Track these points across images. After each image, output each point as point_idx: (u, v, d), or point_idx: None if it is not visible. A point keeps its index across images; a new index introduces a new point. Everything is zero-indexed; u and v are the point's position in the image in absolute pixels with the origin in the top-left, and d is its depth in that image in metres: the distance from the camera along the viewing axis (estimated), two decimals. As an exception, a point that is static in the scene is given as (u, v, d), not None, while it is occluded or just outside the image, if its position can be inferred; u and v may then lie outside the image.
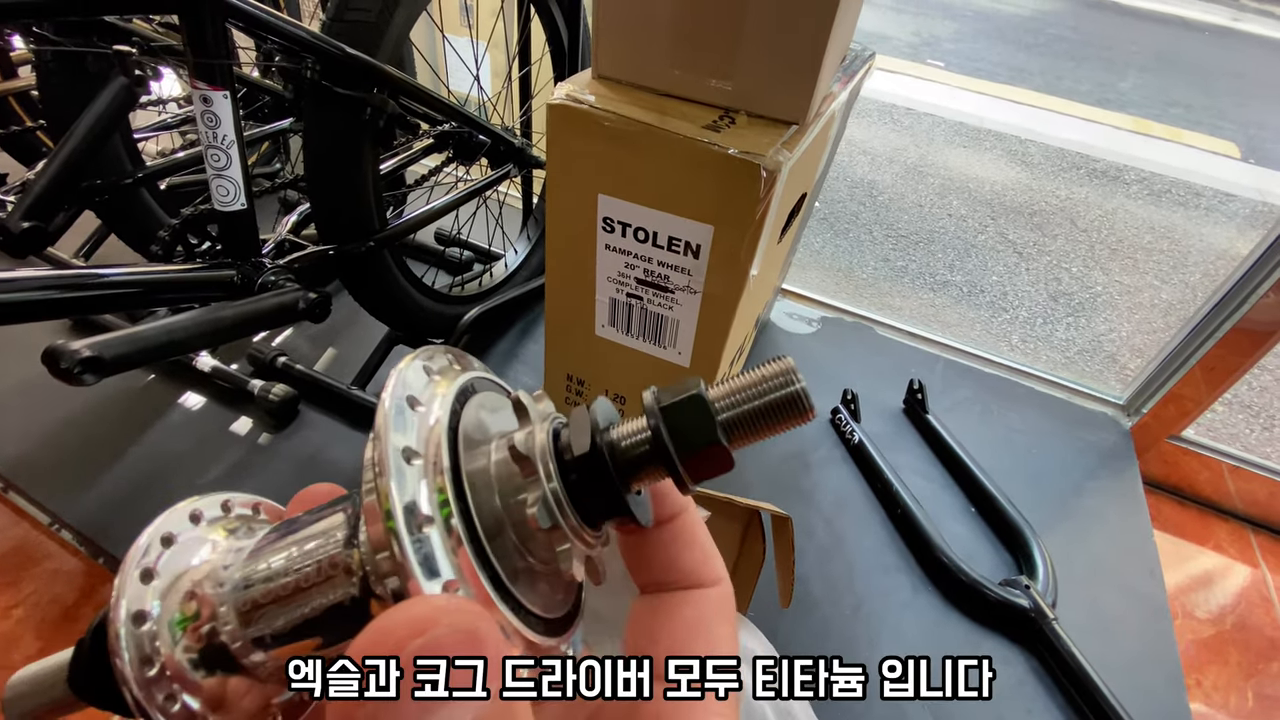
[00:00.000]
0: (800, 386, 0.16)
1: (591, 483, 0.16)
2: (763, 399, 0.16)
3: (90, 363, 0.45)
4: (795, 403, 0.16)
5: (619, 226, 0.59)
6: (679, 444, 0.16)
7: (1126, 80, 3.43)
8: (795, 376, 0.16)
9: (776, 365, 0.17)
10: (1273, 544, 1.03)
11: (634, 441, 0.16)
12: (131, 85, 0.65)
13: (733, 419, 0.16)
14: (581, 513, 0.16)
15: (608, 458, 0.16)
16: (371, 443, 0.15)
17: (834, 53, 0.55)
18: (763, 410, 0.16)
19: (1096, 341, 1.51)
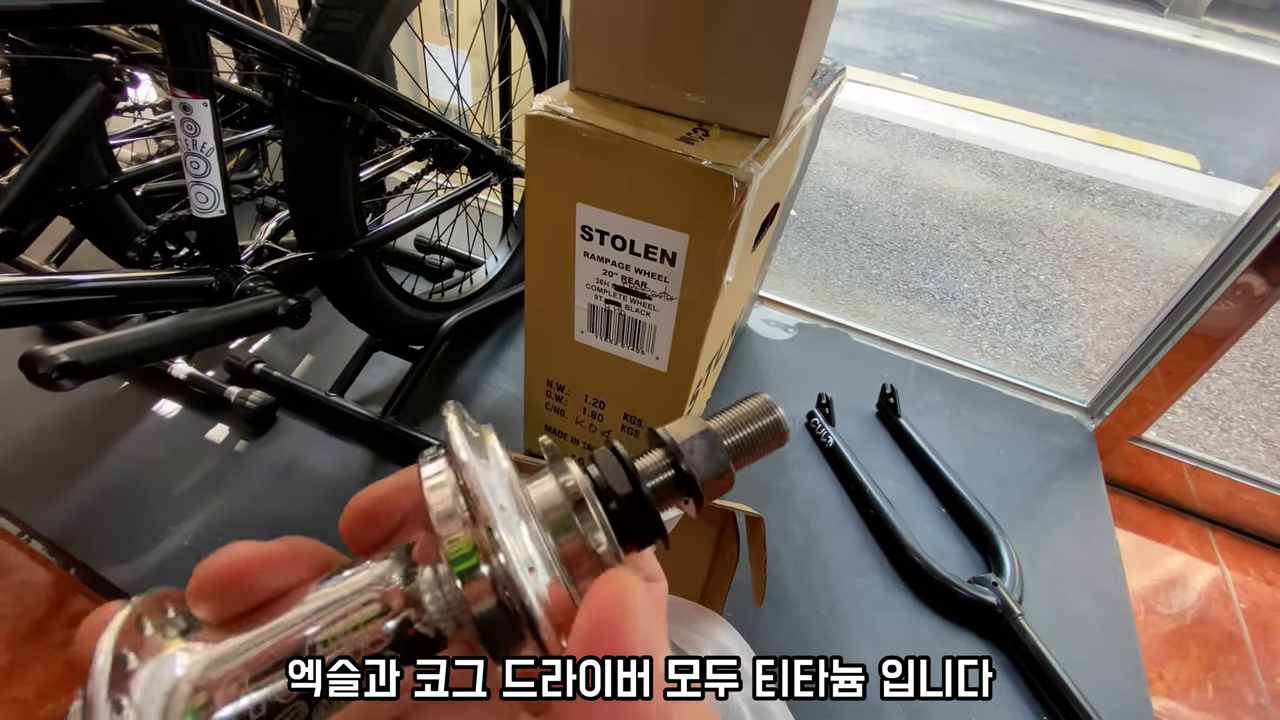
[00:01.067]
0: (780, 414, 0.20)
1: (633, 515, 0.18)
2: (752, 427, 0.19)
3: (68, 368, 0.45)
4: (778, 428, 0.20)
5: (597, 234, 0.61)
6: (702, 473, 0.18)
7: (1091, 94, 3.55)
8: (774, 407, 0.20)
9: (758, 400, 0.20)
10: (1231, 541, 1.07)
11: (662, 479, 0.19)
12: (108, 92, 0.65)
13: (733, 447, 0.19)
14: (623, 541, 0.18)
15: (647, 493, 0.18)
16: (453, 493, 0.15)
17: (804, 69, 0.57)
18: (754, 437, 0.19)
19: (1063, 347, 1.56)
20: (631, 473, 0.18)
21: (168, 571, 0.74)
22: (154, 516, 0.79)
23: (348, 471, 0.86)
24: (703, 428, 0.19)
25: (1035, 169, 2.51)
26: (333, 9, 0.65)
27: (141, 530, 0.78)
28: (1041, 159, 2.60)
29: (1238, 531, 1.08)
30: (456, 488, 0.15)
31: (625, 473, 0.18)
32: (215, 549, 0.18)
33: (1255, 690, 0.87)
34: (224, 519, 0.79)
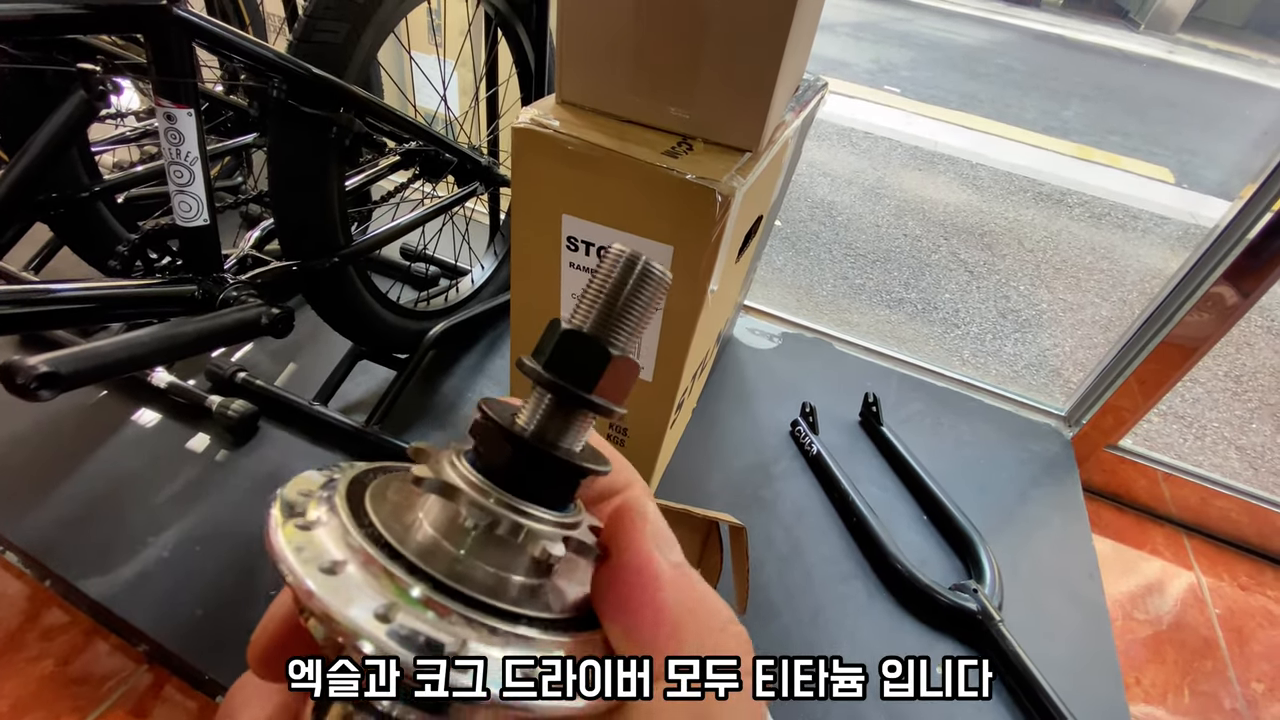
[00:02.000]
0: (643, 260, 0.16)
1: (527, 466, 0.16)
2: (620, 291, 0.16)
3: (47, 378, 0.44)
4: (646, 276, 0.16)
5: (582, 245, 0.61)
6: (579, 382, 0.16)
7: (1069, 109, 3.62)
8: (633, 254, 0.16)
9: (611, 255, 0.17)
10: (1206, 547, 1.09)
11: (544, 409, 0.16)
12: (91, 99, 0.65)
13: (601, 325, 0.16)
14: (533, 497, 0.16)
15: (527, 437, 0.16)
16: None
17: (785, 84, 0.58)
18: (626, 300, 0.16)
19: (1042, 356, 1.59)
20: (506, 431, 0.16)
21: (146, 584, 0.73)
22: (133, 528, 0.78)
23: (331, 481, 0.85)
24: (560, 331, 0.16)
25: (1015, 181, 2.55)
26: (319, 20, 0.65)
27: (120, 542, 0.77)
28: (1021, 172, 2.65)
29: (1212, 537, 1.10)
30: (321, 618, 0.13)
31: (500, 434, 0.16)
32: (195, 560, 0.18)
33: (1231, 695, 0.88)
34: (204, 530, 0.79)
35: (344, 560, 0.14)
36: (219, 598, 0.73)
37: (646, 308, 0.16)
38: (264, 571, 0.75)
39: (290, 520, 0.15)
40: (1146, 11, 6.63)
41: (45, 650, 0.73)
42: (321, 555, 0.14)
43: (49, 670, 0.72)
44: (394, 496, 0.17)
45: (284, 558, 0.13)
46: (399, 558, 0.14)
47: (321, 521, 0.15)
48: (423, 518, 0.16)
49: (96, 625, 0.75)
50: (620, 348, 0.16)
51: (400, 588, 0.13)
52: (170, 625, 0.70)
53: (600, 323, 0.16)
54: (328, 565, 0.13)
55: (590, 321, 0.16)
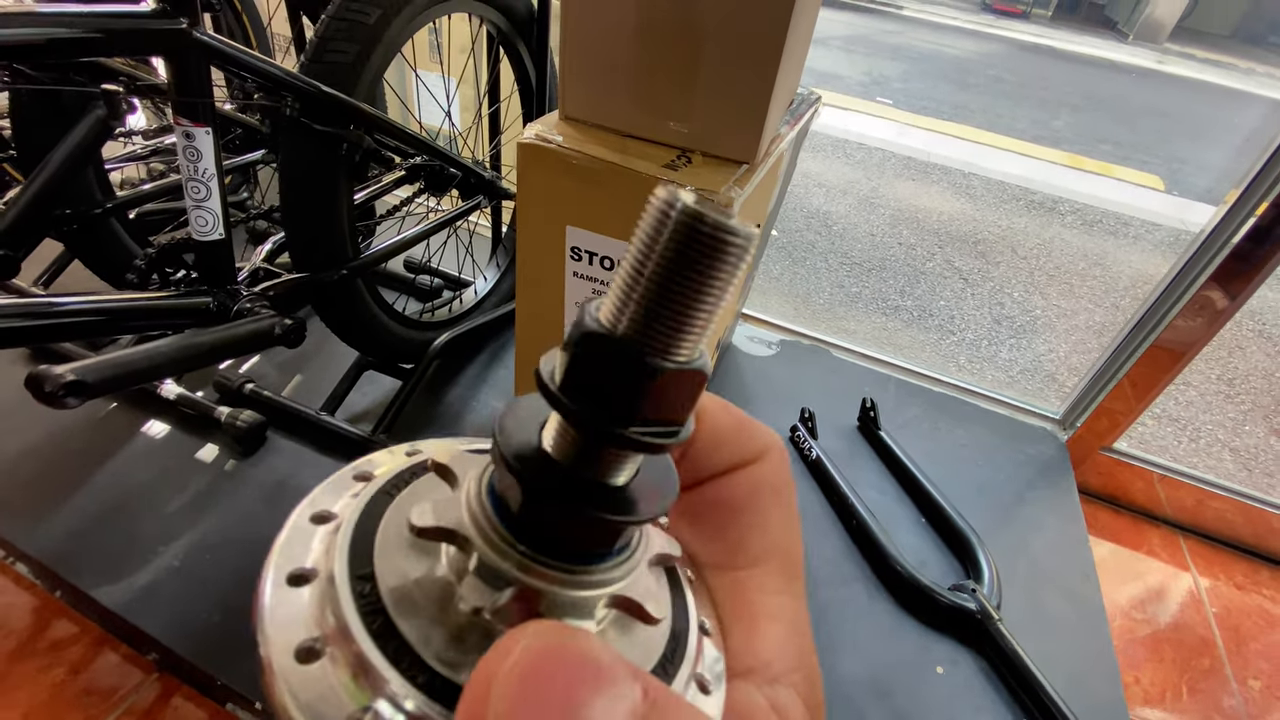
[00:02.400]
0: (711, 221, 0.10)
1: (544, 517, 0.12)
2: (675, 277, 0.10)
3: (74, 386, 0.46)
4: (714, 248, 0.10)
5: (586, 255, 0.63)
6: (611, 410, 0.11)
7: (1060, 118, 3.68)
8: (690, 214, 0.10)
9: (655, 209, 0.10)
10: (1202, 548, 1.10)
11: (569, 439, 0.12)
12: (108, 118, 0.67)
13: (643, 321, 0.11)
14: (553, 553, 0.12)
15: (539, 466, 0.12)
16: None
17: (780, 99, 0.60)
18: (684, 290, 0.10)
19: (1037, 361, 1.61)
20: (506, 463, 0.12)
21: (158, 592, 0.74)
22: (143, 537, 0.79)
23: (339, 490, 0.87)
24: (589, 331, 0.11)
25: (1007, 190, 2.59)
26: (331, 41, 0.68)
27: (131, 551, 0.78)
28: (1013, 180, 2.68)
29: (1208, 538, 1.11)
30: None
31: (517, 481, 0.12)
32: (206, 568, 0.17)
33: (1228, 693, 0.89)
34: (214, 538, 0.80)
35: (318, 646, 0.11)
36: (230, 605, 0.74)
37: (717, 292, 0.11)
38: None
39: (286, 562, 0.13)
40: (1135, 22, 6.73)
41: (56, 660, 0.74)
42: (299, 633, 0.11)
43: (59, 679, 0.73)
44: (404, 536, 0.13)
45: (261, 630, 0.11)
46: (391, 637, 0.11)
47: (316, 575, 0.12)
48: (432, 568, 0.13)
49: (106, 635, 0.76)
50: (673, 354, 0.11)
51: (367, 698, 0.11)
52: (181, 633, 0.71)
53: (640, 318, 0.11)
54: (304, 649, 0.11)
55: (626, 316, 0.11)
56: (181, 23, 0.56)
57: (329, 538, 0.13)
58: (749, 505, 0.16)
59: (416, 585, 0.12)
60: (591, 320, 0.11)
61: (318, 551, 0.13)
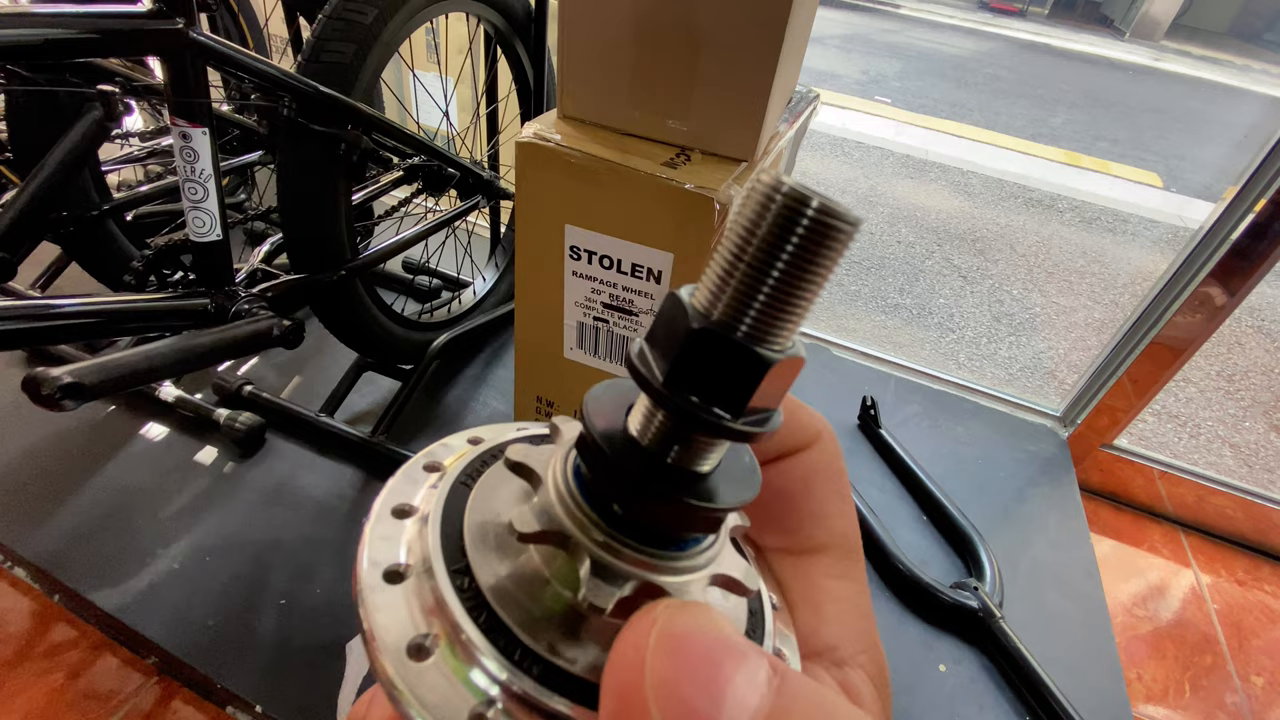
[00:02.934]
0: (815, 206, 0.10)
1: (643, 511, 0.12)
2: (777, 263, 0.10)
3: (71, 389, 0.46)
4: (820, 233, 0.10)
5: (585, 254, 0.63)
6: (722, 403, 0.11)
7: (1058, 116, 3.68)
8: (795, 196, 0.10)
9: (758, 195, 0.10)
10: (1203, 544, 1.10)
11: (667, 431, 0.12)
12: (104, 120, 0.67)
13: (759, 321, 0.11)
14: (654, 542, 0.12)
15: (640, 463, 0.12)
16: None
17: (779, 96, 0.60)
18: (787, 277, 0.10)
19: (1036, 359, 1.61)
20: (604, 457, 0.12)
21: (157, 595, 0.74)
22: (142, 540, 0.79)
23: (338, 491, 0.87)
24: (684, 321, 0.11)
25: (1006, 188, 2.59)
26: (328, 41, 0.67)
27: (129, 553, 0.78)
28: (1012, 178, 2.68)
29: (1209, 534, 1.11)
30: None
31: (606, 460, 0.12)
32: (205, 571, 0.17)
33: (1231, 689, 0.89)
34: (213, 541, 0.80)
35: (429, 643, 0.11)
36: (229, 608, 0.73)
37: (819, 278, 0.10)
38: (273, 581, 0.76)
39: (380, 557, 0.12)
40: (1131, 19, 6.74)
41: (54, 664, 0.74)
42: (406, 629, 0.12)
43: (58, 684, 0.73)
44: (494, 525, 0.13)
45: (368, 631, 0.11)
46: (500, 631, 0.12)
47: (412, 570, 0.12)
48: (525, 562, 0.13)
49: (105, 639, 0.76)
50: (780, 345, 0.11)
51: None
52: (181, 636, 0.71)
53: (743, 312, 0.11)
54: (414, 645, 0.11)
55: (725, 308, 0.11)
56: (178, 23, 0.55)
57: (417, 531, 0.13)
58: (806, 492, 0.15)
59: (511, 579, 0.12)
60: (695, 315, 0.11)
61: (408, 546, 0.13)
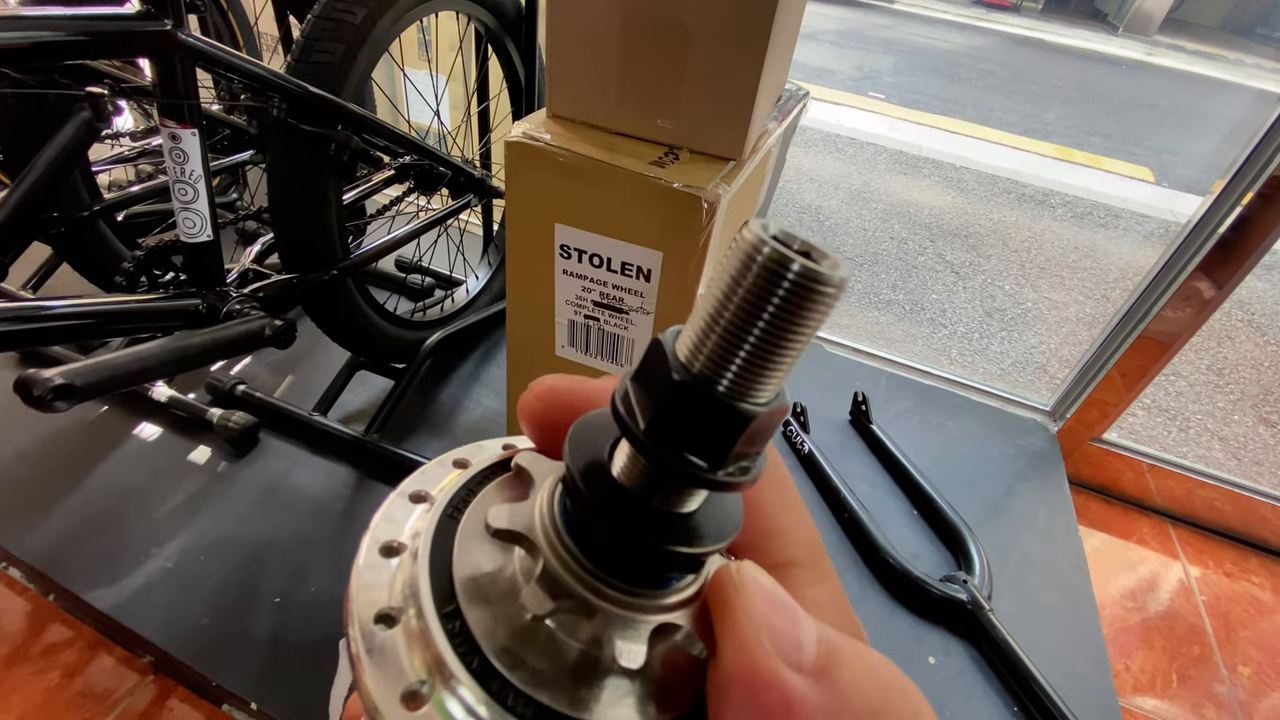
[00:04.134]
0: (797, 269, 0.10)
1: (622, 548, 0.12)
2: (756, 321, 0.10)
3: (63, 390, 0.46)
4: (801, 295, 0.10)
5: (575, 253, 0.63)
6: (672, 443, 0.11)
7: (1051, 111, 3.69)
8: (777, 258, 0.10)
9: (740, 249, 0.10)
10: (1192, 536, 1.11)
11: (643, 475, 0.12)
12: (94, 120, 0.67)
13: (732, 372, 0.11)
14: (621, 576, 0.12)
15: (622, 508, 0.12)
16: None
17: (767, 95, 0.61)
18: (764, 335, 0.10)
19: (1028, 354, 1.62)
20: (581, 493, 0.12)
21: (152, 594, 0.74)
22: (137, 539, 0.79)
23: (332, 490, 0.87)
24: (675, 381, 0.11)
25: (999, 183, 2.60)
26: (317, 41, 0.68)
27: (124, 553, 0.78)
28: (1004, 174, 2.69)
29: (1198, 527, 1.12)
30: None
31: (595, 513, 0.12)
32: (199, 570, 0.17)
33: (1217, 678, 0.90)
34: (208, 540, 0.80)
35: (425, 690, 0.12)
36: (224, 606, 0.74)
37: (804, 337, 0.10)
38: (268, 579, 0.77)
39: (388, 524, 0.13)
40: (1125, 14, 6.76)
41: (50, 664, 0.74)
42: (387, 592, 0.12)
43: (54, 683, 0.73)
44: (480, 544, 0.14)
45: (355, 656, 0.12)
46: (456, 619, 0.12)
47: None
48: (513, 563, 0.13)
49: (100, 638, 0.76)
50: (763, 398, 0.11)
51: (439, 676, 0.12)
52: (176, 634, 0.71)
53: (731, 366, 0.11)
54: (386, 611, 0.12)
55: (714, 363, 0.11)
56: (166, 24, 0.55)
57: (422, 517, 0.14)
58: (759, 512, 0.16)
59: (488, 579, 0.13)
60: (677, 366, 0.11)
61: (410, 529, 0.13)
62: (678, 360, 0.11)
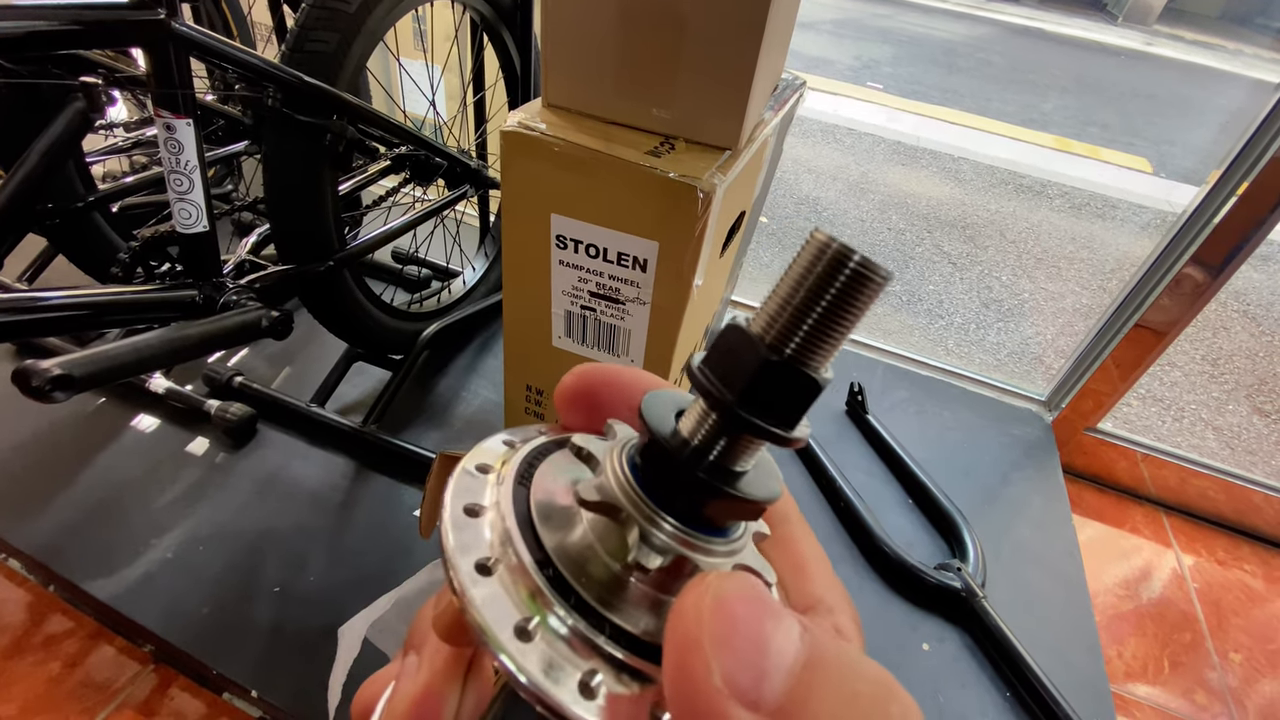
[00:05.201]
0: (857, 259, 0.13)
1: (693, 497, 0.14)
2: (821, 301, 0.13)
3: (61, 380, 0.46)
4: (860, 280, 0.13)
5: (571, 243, 0.63)
6: (758, 410, 0.13)
7: (1049, 102, 3.67)
8: (842, 251, 0.13)
9: (812, 247, 0.13)
10: (1185, 525, 1.12)
11: (716, 430, 0.14)
12: (88, 111, 0.67)
13: (802, 347, 0.13)
14: (693, 525, 0.14)
15: (686, 460, 0.14)
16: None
17: (763, 84, 0.61)
18: (828, 314, 0.13)
19: (1024, 344, 1.62)
20: (673, 456, 0.14)
21: (151, 584, 0.75)
22: (135, 530, 0.80)
23: (330, 481, 0.87)
24: (756, 356, 0.13)
25: (996, 174, 2.60)
26: (311, 30, 0.67)
27: (123, 544, 0.78)
28: (1002, 164, 2.69)
29: (1190, 515, 1.13)
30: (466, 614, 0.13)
31: (667, 458, 0.14)
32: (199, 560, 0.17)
33: (1209, 665, 0.91)
34: (207, 530, 0.80)
35: (498, 561, 0.14)
36: (223, 596, 0.74)
37: (854, 318, 0.13)
38: (267, 569, 0.77)
39: (462, 495, 0.15)
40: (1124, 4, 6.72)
41: (51, 654, 0.75)
42: (479, 550, 0.14)
43: (56, 673, 0.73)
44: (557, 490, 0.16)
45: (446, 543, 0.14)
46: (548, 564, 0.14)
47: (487, 510, 0.15)
48: (582, 524, 0.15)
49: (101, 628, 0.77)
50: (816, 368, 0.13)
51: (541, 607, 0.13)
52: (176, 623, 0.72)
53: (791, 337, 0.13)
54: (483, 563, 0.14)
55: (776, 333, 0.13)
56: (159, 13, 0.55)
57: (494, 484, 0.16)
58: (784, 549, 0.17)
59: (567, 535, 0.15)
60: (763, 347, 0.13)
61: (486, 493, 0.15)
62: (760, 341, 0.13)
